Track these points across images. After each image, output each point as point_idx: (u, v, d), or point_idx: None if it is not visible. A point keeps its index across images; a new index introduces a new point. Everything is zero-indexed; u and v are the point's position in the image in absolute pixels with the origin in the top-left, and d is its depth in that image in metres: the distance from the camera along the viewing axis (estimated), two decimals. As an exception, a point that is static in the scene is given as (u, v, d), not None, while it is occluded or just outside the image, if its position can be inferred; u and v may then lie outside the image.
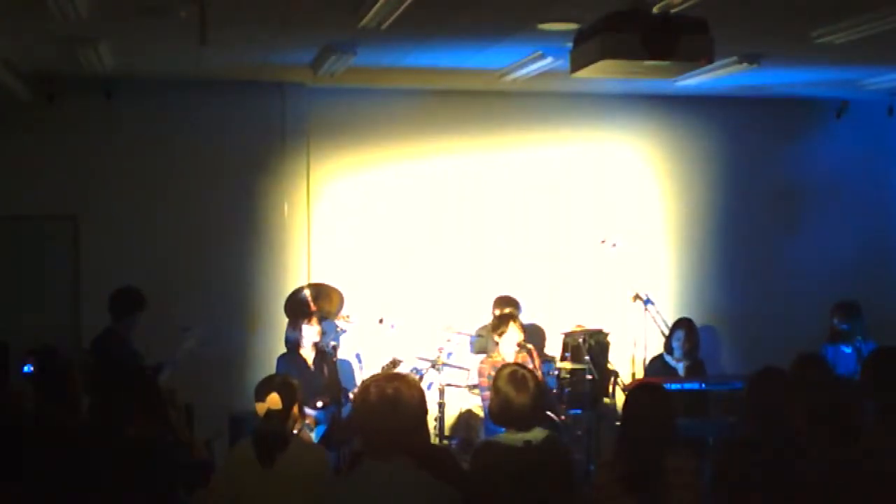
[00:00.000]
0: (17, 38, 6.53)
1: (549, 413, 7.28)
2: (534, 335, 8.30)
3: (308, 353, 7.29)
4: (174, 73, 7.97)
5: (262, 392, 4.56)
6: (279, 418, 4.46)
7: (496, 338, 7.37)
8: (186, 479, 4.65)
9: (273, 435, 4.41)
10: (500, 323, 7.39)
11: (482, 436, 7.42)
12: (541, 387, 4.65)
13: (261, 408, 4.48)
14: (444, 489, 3.32)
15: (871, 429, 4.44)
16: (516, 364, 4.82)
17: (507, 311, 7.77)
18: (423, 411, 3.39)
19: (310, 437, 6.73)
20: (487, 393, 7.27)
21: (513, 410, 4.42)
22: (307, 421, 6.79)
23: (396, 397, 3.25)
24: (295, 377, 5.02)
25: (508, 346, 7.29)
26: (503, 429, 4.54)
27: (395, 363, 7.33)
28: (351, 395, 7.33)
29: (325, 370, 7.33)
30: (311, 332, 7.26)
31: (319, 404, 7.01)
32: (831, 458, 4.32)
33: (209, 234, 8.50)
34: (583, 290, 9.03)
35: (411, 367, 7.69)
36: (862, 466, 4.27)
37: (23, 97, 7.88)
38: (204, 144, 8.49)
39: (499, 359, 7.26)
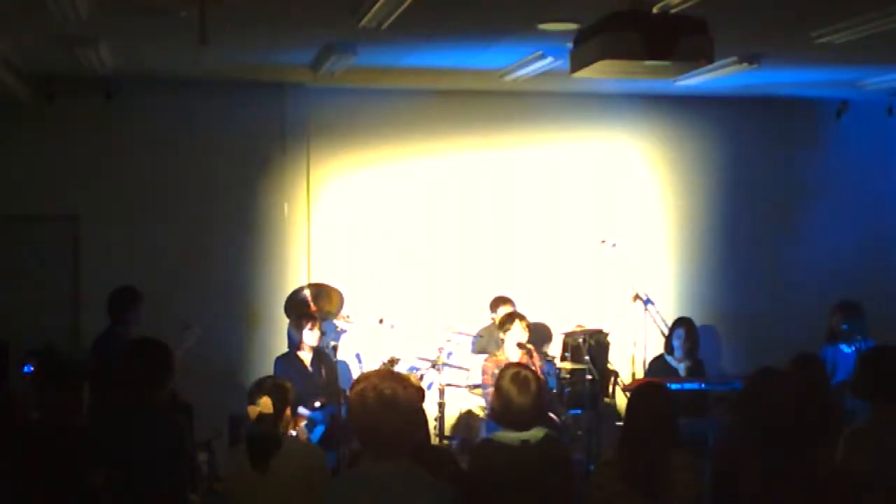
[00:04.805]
0: (17, 38, 6.53)
1: (549, 413, 7.29)
2: (537, 334, 8.29)
3: (305, 355, 7.32)
4: (174, 73, 7.96)
5: (253, 396, 4.55)
6: (270, 422, 4.45)
7: (501, 335, 7.38)
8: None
9: (265, 438, 4.40)
10: (506, 320, 7.42)
11: (483, 435, 7.41)
12: (543, 388, 4.66)
13: (252, 411, 4.47)
14: (443, 489, 3.32)
15: (866, 428, 4.44)
16: (520, 364, 4.82)
17: (511, 309, 7.77)
18: (421, 410, 3.36)
19: (307, 439, 6.73)
20: (491, 390, 7.28)
21: (513, 411, 4.42)
22: (302, 423, 6.79)
23: (393, 397, 3.23)
24: (292, 378, 5.01)
25: (512, 344, 7.29)
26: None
27: (392, 362, 7.35)
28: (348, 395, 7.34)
29: (323, 371, 7.35)
30: (311, 337, 7.30)
31: (317, 405, 7.03)
32: (828, 458, 4.32)
33: (209, 234, 8.50)
34: (583, 290, 9.02)
35: (409, 367, 7.70)
36: (859, 466, 4.27)
37: (23, 97, 7.87)
38: (204, 144, 8.49)
39: (503, 357, 7.26)
